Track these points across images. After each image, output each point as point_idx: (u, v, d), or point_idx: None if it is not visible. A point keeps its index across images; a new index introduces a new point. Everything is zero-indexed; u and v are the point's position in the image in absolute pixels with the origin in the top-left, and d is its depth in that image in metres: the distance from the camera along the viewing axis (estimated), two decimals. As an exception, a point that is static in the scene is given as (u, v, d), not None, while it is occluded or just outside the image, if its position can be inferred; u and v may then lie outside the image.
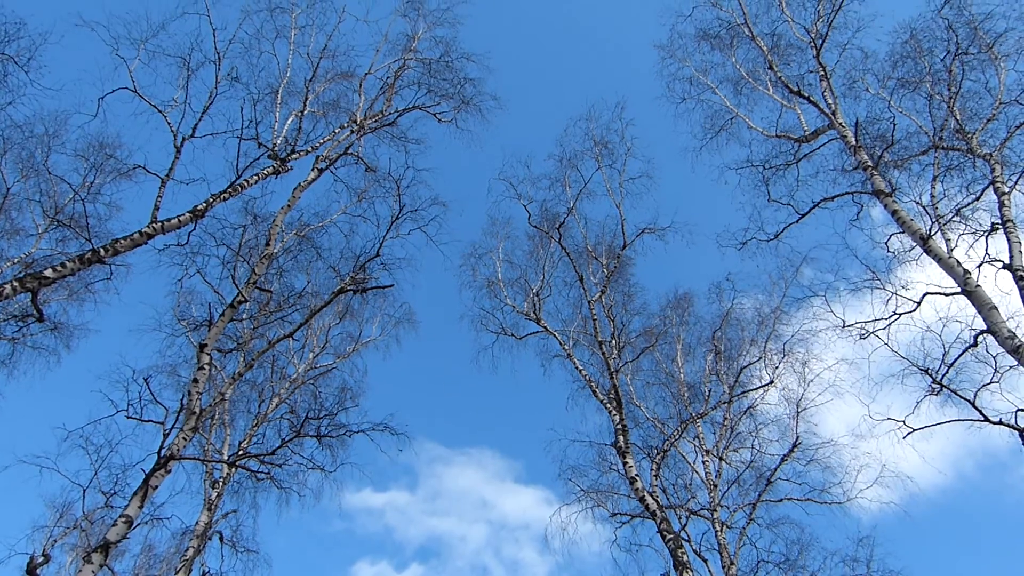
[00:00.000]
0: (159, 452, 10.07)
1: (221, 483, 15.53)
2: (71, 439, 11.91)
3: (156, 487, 9.92)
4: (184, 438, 10.46)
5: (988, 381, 11.49)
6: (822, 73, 14.38)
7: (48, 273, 9.52)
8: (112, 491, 12.13)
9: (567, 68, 42.19)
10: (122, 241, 10.40)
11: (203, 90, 12.50)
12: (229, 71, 13.13)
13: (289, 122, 14.55)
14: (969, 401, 11.37)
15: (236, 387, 17.15)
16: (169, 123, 11.75)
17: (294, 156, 13.76)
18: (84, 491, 11.78)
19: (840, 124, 13.67)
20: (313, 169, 14.44)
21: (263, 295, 15.79)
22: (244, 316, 16.17)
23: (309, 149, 14.30)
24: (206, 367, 11.46)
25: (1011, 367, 11.28)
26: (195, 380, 11.26)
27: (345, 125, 15.46)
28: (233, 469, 15.47)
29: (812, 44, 14.77)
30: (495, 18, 38.94)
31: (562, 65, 42.70)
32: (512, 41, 39.06)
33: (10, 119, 14.27)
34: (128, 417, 11.33)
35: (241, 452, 15.92)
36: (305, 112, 14.65)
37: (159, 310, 16.80)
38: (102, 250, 10.09)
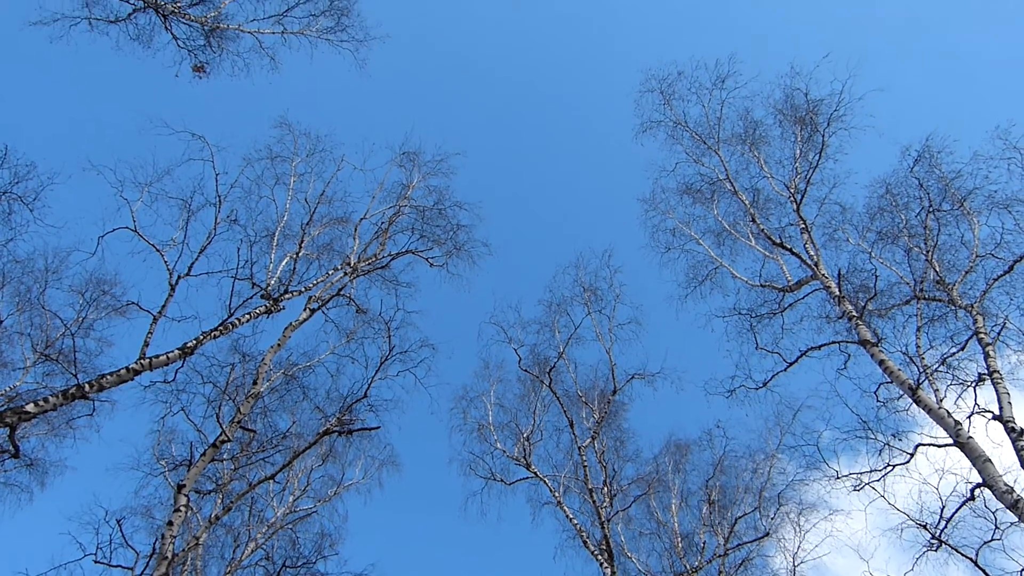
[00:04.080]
0: (124, 601, 9.57)
1: (188, 636, 14.62)
2: (32, 586, 11.36)
3: (116, 640, 9.34)
4: (152, 585, 9.96)
5: (989, 538, 11.16)
6: (803, 226, 14.87)
7: (29, 408, 9.38)
8: (68, 644, 11.42)
9: (554, 214, 43.77)
10: (108, 377, 10.33)
11: (201, 230, 12.86)
12: (229, 213, 13.58)
13: (284, 264, 14.86)
14: (971, 559, 10.99)
15: (212, 531, 16.51)
16: (166, 262, 12.00)
17: (287, 296, 13.95)
18: (38, 644, 11.10)
19: (823, 275, 13.99)
20: (305, 309, 14.60)
21: (246, 435, 15.51)
22: (225, 456, 15.82)
23: (302, 290, 14.52)
24: (183, 509, 11.11)
25: (1012, 524, 10.97)
26: (170, 523, 10.89)
27: (339, 267, 15.77)
28: (202, 621, 14.60)
29: (792, 199, 15.38)
30: (485, 165, 40.78)
31: (549, 211, 44.32)
32: (499, 186, 40.74)
33: (11, 254, 14.56)
34: (96, 562, 10.93)
35: (212, 602, 15.09)
36: (300, 254, 14.98)
37: (138, 448, 16.44)
38: (87, 386, 10.00)
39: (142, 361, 10.73)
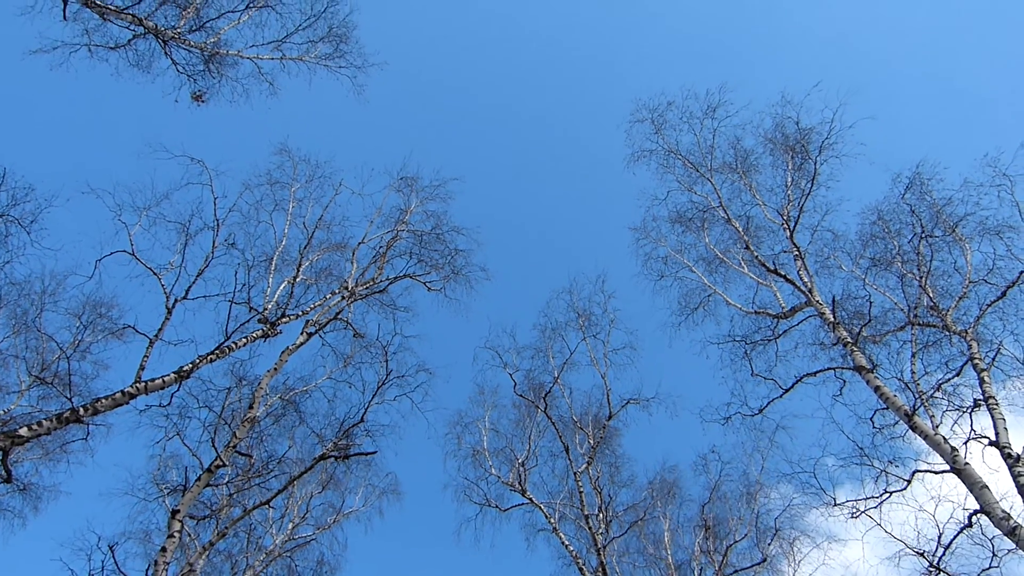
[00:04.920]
0: (115, 628, 9.48)
1: (180, 665, 14.42)
2: (20, 614, 11.24)
3: (106, 668, 9.23)
4: (144, 613, 9.87)
5: (988, 566, 11.09)
6: (796, 253, 14.96)
7: (23, 432, 9.34)
8: (57, 673, 11.28)
9: (548, 238, 44.01)
10: (103, 400, 10.29)
11: (199, 254, 12.86)
12: (227, 237, 13.57)
13: (281, 288, 14.86)
14: (970, 588, 10.90)
15: (208, 558, 16.34)
16: (163, 285, 11.99)
17: (284, 320, 13.94)
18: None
19: (817, 301, 14.05)
20: (302, 333, 14.59)
21: (243, 460, 15.43)
22: (222, 481, 15.71)
23: (299, 314, 14.52)
24: (176, 535, 11.03)
25: (1009, 551, 10.92)
26: (163, 549, 10.82)
27: (336, 291, 15.80)
28: (194, 649, 14.40)
29: (784, 226, 15.48)
30: (481, 190, 40.99)
31: (543, 235, 44.55)
32: (495, 211, 40.99)
33: (8, 277, 14.55)
34: (86, 588, 10.78)
35: (204, 630, 14.91)
36: (298, 279, 14.99)
37: (133, 473, 16.32)
38: (82, 409, 9.96)
39: (138, 384, 10.70)
